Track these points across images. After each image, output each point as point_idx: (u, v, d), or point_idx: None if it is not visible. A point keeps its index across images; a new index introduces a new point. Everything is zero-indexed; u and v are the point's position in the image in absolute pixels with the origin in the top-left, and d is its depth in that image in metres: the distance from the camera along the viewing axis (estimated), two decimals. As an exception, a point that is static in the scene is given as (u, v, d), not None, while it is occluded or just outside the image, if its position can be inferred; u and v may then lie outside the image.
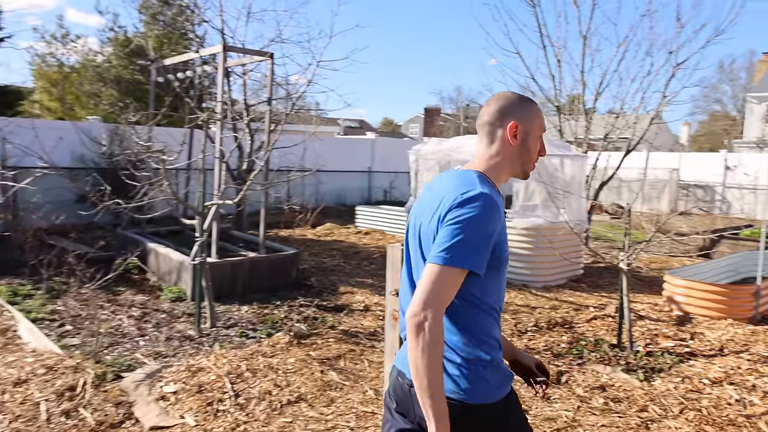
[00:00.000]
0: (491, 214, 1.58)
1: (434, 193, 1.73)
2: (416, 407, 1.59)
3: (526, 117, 1.77)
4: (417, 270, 1.75)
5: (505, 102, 1.79)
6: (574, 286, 7.21)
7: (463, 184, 1.64)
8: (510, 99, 1.80)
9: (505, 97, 1.81)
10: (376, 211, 11.99)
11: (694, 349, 4.86)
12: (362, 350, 4.75)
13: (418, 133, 54.06)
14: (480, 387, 1.63)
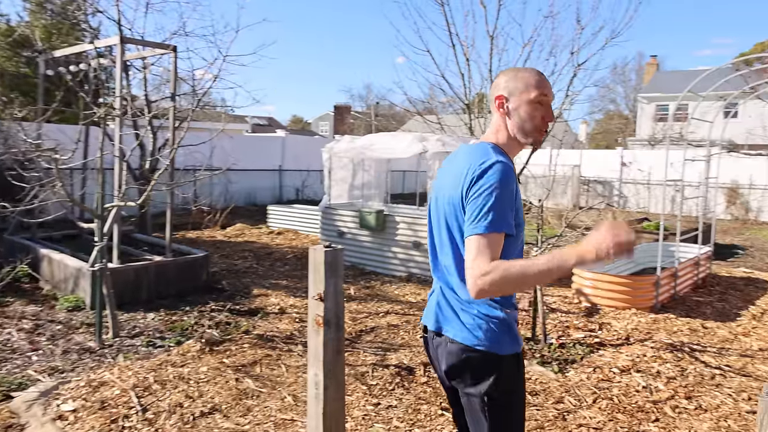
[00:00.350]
0: (509, 179, 1.70)
1: (454, 165, 1.85)
2: (436, 356, 1.92)
3: (514, 87, 1.83)
4: (439, 238, 1.90)
5: (499, 77, 1.89)
6: (488, 281, 7.38)
7: (479, 156, 1.75)
8: (503, 73, 1.89)
9: (501, 72, 1.90)
10: (288, 210, 11.74)
11: (603, 339, 5.08)
12: (279, 355, 4.57)
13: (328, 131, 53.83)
14: (496, 340, 1.79)
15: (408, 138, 7.25)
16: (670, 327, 5.50)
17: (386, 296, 6.51)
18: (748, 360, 4.73)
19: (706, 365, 4.55)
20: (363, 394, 3.87)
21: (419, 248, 7.26)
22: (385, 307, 6.01)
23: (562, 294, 6.68)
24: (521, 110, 1.82)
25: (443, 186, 1.88)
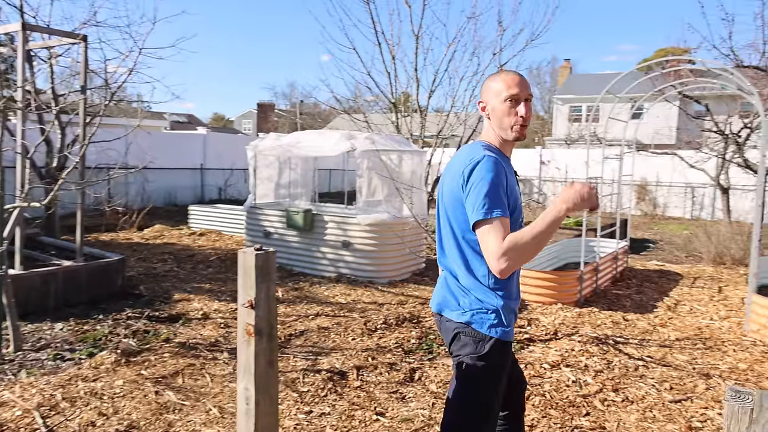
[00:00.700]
0: (496, 168, 1.93)
1: (454, 162, 2.08)
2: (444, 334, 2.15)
3: (486, 92, 2.12)
4: (444, 230, 2.13)
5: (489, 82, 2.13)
6: (418, 280, 7.34)
7: (470, 154, 2.00)
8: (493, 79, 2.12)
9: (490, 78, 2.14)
10: (211, 210, 11.28)
11: (532, 335, 5.14)
12: (203, 363, 4.31)
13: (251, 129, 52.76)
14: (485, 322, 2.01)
15: (336, 136, 7.10)
16: (595, 320, 5.66)
17: (316, 298, 6.33)
18: (666, 350, 4.92)
19: (630, 357, 4.69)
20: (294, 402, 3.69)
21: (349, 248, 7.13)
22: (315, 309, 5.84)
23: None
24: (497, 110, 2.08)
25: (445, 183, 2.13)
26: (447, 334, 2.14)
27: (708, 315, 6.10)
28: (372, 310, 5.84)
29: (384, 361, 4.39)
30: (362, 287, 6.79)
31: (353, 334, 5.06)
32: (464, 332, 2.04)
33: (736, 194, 15.57)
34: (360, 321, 5.40)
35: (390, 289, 6.82)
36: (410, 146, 7.72)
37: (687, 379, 4.26)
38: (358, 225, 6.99)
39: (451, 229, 2.08)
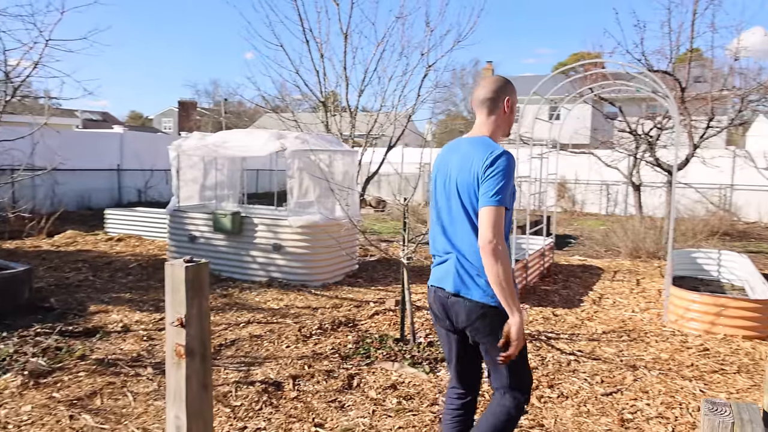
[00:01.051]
0: (513, 167, 2.27)
1: (463, 154, 2.39)
2: (452, 312, 2.40)
3: (513, 93, 2.48)
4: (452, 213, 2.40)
5: (501, 84, 2.47)
6: (351, 282, 7.22)
7: (488, 146, 2.32)
8: (503, 82, 2.48)
9: (499, 80, 2.48)
10: (130, 214, 10.68)
11: (467, 333, 5.14)
12: (124, 381, 4.01)
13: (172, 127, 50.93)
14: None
15: (265, 135, 6.86)
16: (527, 317, 5.75)
17: (246, 304, 6.08)
18: (595, 344, 5.05)
19: (562, 352, 4.78)
20: (227, 418, 3.49)
21: (280, 251, 6.91)
22: (246, 317, 5.60)
23: (425, 291, 6.73)
24: (511, 114, 2.48)
25: (454, 170, 2.40)
26: (470, 313, 2.36)
27: (630, 307, 6.35)
28: (306, 315, 5.67)
29: (321, 369, 4.25)
30: (295, 291, 6.60)
31: (287, 341, 4.88)
32: (491, 311, 2.33)
33: (646, 191, 16.45)
34: (294, 327, 5.22)
35: (324, 292, 6.67)
36: (342, 146, 7.60)
37: (616, 372, 4.38)
38: (289, 227, 6.79)
39: (465, 214, 2.35)
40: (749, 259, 7.63)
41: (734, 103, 10.64)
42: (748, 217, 17.20)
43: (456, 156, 2.42)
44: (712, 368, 4.45)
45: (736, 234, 13.49)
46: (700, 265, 8.11)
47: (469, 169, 2.31)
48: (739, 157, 17.81)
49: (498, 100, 2.43)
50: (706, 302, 5.18)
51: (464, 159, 2.36)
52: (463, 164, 2.35)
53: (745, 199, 17.58)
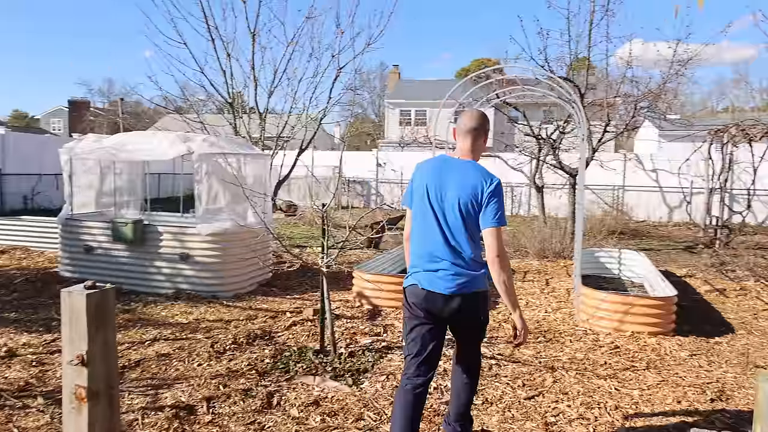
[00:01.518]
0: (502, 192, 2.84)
1: (462, 174, 2.85)
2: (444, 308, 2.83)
3: (489, 129, 2.99)
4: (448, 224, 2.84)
5: (485, 118, 2.98)
6: (266, 291, 6.93)
7: (486, 174, 2.85)
8: (485, 117, 3.00)
9: (483, 115, 3.00)
10: (14, 223, 9.73)
11: (389, 342, 5.05)
12: (10, 415, 3.56)
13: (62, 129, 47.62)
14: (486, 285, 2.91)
15: (169, 138, 6.43)
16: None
17: (152, 320, 5.66)
18: (511, 346, 5.12)
19: (483, 356, 4.79)
20: (134, 451, 3.17)
21: (188, 261, 6.51)
22: (152, 333, 5.19)
23: (344, 298, 6.58)
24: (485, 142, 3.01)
25: (452, 187, 2.85)
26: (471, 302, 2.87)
27: (542, 308, 6.53)
28: (218, 329, 5.35)
29: (237, 388, 3.99)
30: (205, 304, 6.23)
31: (199, 358, 4.56)
32: (483, 294, 2.92)
33: (547, 192, 17.24)
34: (206, 343, 4.90)
35: (237, 303, 6.34)
36: (253, 149, 7.28)
37: (536, 374, 4.44)
38: (198, 235, 6.41)
39: (464, 225, 2.83)
40: (646, 257, 8.11)
41: (628, 109, 11.31)
42: (638, 216, 18.46)
43: (453, 174, 2.88)
44: (623, 366, 4.63)
45: (629, 232, 14.40)
46: (602, 264, 8.53)
47: (470, 191, 2.81)
48: (629, 160, 19.08)
49: (482, 131, 2.96)
50: (614, 301, 5.41)
51: (464, 179, 2.84)
52: (463, 184, 2.83)
53: (635, 199, 18.85)
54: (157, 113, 34.69)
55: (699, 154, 16.06)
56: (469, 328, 3.05)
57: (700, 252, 11.61)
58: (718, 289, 7.59)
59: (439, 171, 2.90)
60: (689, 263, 10.08)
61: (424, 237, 2.89)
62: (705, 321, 6.05)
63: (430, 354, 2.95)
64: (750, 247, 12.07)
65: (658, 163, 18.88)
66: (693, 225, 16.35)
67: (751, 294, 7.38)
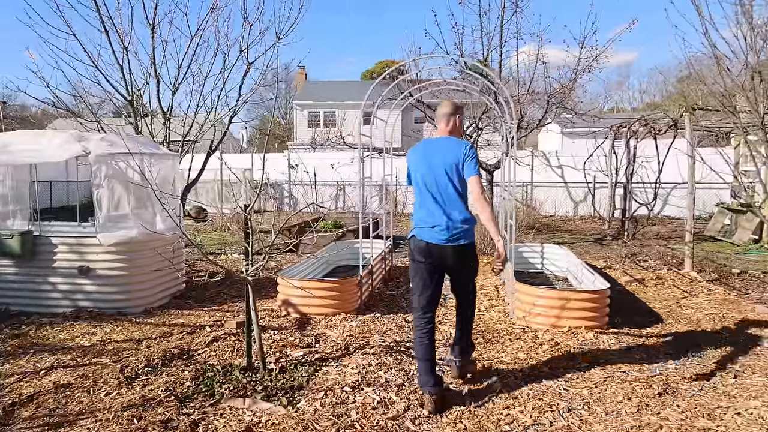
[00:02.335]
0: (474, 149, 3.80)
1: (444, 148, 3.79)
2: (443, 255, 3.75)
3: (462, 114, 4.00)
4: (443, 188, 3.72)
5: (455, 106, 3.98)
6: (180, 305, 6.31)
7: (460, 141, 3.82)
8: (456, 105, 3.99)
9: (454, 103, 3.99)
10: None
11: (323, 353, 4.65)
12: None
13: (-66, 133, 42.65)
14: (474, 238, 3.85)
15: (61, 137, 5.67)
16: (380, 327, 5.44)
17: (48, 344, 4.92)
18: (452, 349, 4.89)
19: (424, 363, 4.52)
20: None
21: (88, 275, 5.78)
22: (48, 361, 4.50)
23: (268, 307, 6.10)
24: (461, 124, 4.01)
25: (439, 159, 3.74)
26: (465, 253, 3.78)
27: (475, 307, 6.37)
28: (128, 351, 4.73)
29: (155, 420, 3.46)
30: (111, 322, 5.54)
31: (107, 387, 3.96)
32: (471, 247, 3.81)
33: (463, 190, 17.45)
34: (114, 368, 4.28)
35: (148, 319, 5.70)
36: (159, 149, 6.62)
37: (482, 378, 4.22)
38: (99, 246, 5.70)
39: (453, 187, 3.71)
40: (569, 250, 8.21)
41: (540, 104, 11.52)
42: (547, 212, 19.10)
43: (437, 149, 3.82)
44: (567, 363, 4.51)
45: (540, 227, 14.78)
46: (526, 258, 8.57)
47: (453, 157, 3.74)
48: (537, 157, 19.72)
49: (453, 115, 3.94)
50: (551, 297, 5.32)
51: (446, 150, 3.79)
52: (446, 153, 3.77)
53: (543, 195, 19.50)
54: (46, 116, 31.97)
55: (601, 150, 16.87)
56: (462, 272, 3.90)
57: (609, 244, 12.07)
58: (637, 279, 7.80)
59: (425, 151, 3.83)
60: (602, 255, 10.41)
61: (423, 203, 3.80)
62: (633, 312, 6.13)
63: (434, 290, 3.83)
64: (652, 238, 12.74)
65: (563, 159, 19.65)
66: (598, 218, 17.12)
67: (668, 282, 7.64)
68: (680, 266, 8.87)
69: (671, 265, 9.03)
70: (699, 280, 7.87)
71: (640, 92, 53.63)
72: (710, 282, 7.75)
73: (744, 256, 10.56)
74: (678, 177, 16.72)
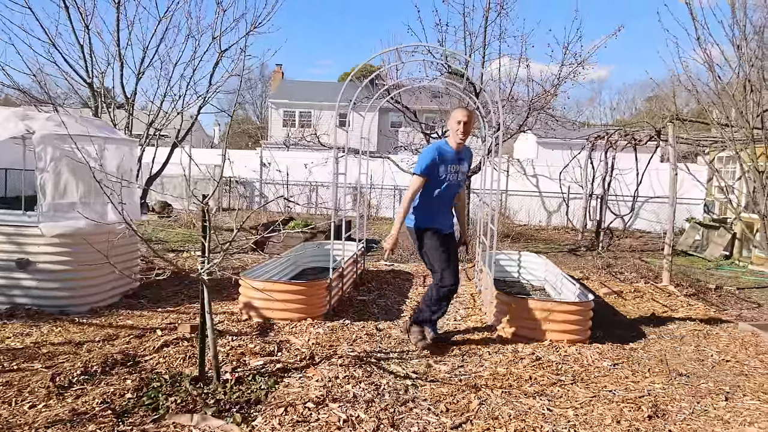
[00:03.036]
0: (427, 153, 4.64)
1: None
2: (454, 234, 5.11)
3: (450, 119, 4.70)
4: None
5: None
6: (132, 304, 5.79)
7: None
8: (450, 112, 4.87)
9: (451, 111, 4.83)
10: None
11: (285, 362, 4.21)
12: None
13: None
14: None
15: (2, 114, 5.12)
16: (350, 335, 5.02)
17: (-28, 345, 4.37)
18: (426, 361, 4.51)
19: (396, 376, 4.13)
20: None
21: (27, 269, 5.23)
22: (-30, 365, 3.96)
23: (229, 310, 5.63)
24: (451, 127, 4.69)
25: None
26: (409, 231, 4.90)
27: (450, 316, 6.01)
28: (65, 355, 4.21)
29: (84, 438, 2.98)
30: (50, 322, 5.00)
31: (33, 397, 3.46)
32: (412, 228, 4.89)
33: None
34: (45, 375, 3.77)
35: (93, 320, 5.17)
36: (115, 133, 6.09)
37: (459, 395, 3.85)
38: (40, 237, 5.16)
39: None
40: (547, 259, 7.92)
41: (518, 113, 11.27)
42: (521, 221, 18.94)
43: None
44: (549, 380, 4.16)
45: (514, 236, 14.54)
46: (502, 267, 8.25)
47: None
48: (513, 165, 19.56)
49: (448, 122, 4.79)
50: (534, 307, 4.98)
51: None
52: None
53: (517, 204, 19.34)
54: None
55: (576, 161, 16.76)
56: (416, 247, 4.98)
57: (584, 254, 11.87)
58: (615, 292, 7.55)
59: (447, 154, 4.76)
60: (577, 265, 10.18)
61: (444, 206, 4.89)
62: (614, 325, 5.85)
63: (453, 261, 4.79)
64: (625, 250, 12.61)
65: (538, 168, 19.53)
66: (571, 229, 17.00)
67: (647, 296, 7.41)
68: (656, 279, 8.67)
69: (647, 278, 8.83)
70: (677, 294, 7.66)
71: (611, 108, 54.39)
72: (688, 297, 7.55)
73: (717, 271, 10.46)
74: (650, 191, 16.75)
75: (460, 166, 4.79)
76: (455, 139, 4.63)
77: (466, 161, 4.87)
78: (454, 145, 4.68)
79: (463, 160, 4.81)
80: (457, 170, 4.75)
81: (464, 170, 4.88)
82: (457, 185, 4.82)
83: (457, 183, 4.79)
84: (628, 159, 14.85)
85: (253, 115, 53.74)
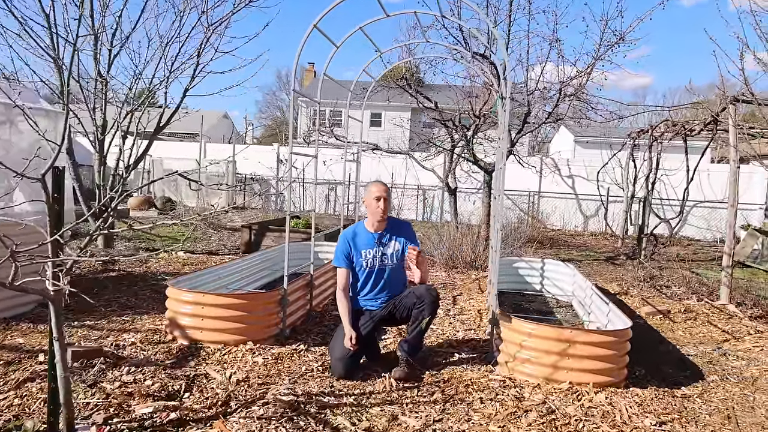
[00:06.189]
0: (340, 241, 3.91)
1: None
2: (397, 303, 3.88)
3: (367, 195, 3.90)
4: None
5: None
6: (42, 316, 4.64)
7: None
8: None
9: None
10: None
11: (186, 410, 2.96)
12: None
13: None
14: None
15: None
16: (297, 367, 3.77)
17: None
18: (391, 411, 3.22)
19: None
20: None
21: None
22: None
23: (153, 328, 4.45)
24: (367, 205, 3.91)
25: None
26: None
27: (445, 338, 4.71)
28: None
29: None
30: None
31: None
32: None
33: (461, 197, 15.80)
34: None
35: (-28, 336, 4.07)
36: (37, 101, 5.01)
37: (423, 472, 2.56)
38: None
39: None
40: (575, 269, 6.53)
41: (553, 97, 9.81)
42: (554, 225, 17.39)
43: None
44: (564, 450, 2.84)
45: (546, 241, 13.09)
46: (522, 277, 6.90)
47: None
48: (546, 163, 18.04)
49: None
50: (547, 336, 3.63)
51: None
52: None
53: (550, 207, 17.81)
54: None
55: (616, 160, 15.16)
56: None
57: (623, 264, 10.36)
58: (661, 311, 6.10)
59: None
60: (615, 276, 8.72)
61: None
62: (661, 359, 4.45)
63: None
64: (672, 259, 10.98)
65: (574, 168, 17.96)
66: (610, 235, 15.39)
67: (701, 317, 5.95)
68: (711, 296, 7.16)
69: (700, 293, 7.32)
70: (739, 315, 6.17)
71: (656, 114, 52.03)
72: (754, 319, 6.06)
73: (784, 286, 8.84)
74: (699, 194, 15.03)
75: (384, 249, 3.90)
76: (374, 219, 3.89)
77: (394, 240, 3.93)
78: (372, 226, 3.91)
79: (386, 243, 3.91)
80: (382, 254, 3.88)
81: (395, 251, 3.92)
82: (392, 269, 3.93)
83: (392, 267, 3.92)
84: (674, 159, 13.25)
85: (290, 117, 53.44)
